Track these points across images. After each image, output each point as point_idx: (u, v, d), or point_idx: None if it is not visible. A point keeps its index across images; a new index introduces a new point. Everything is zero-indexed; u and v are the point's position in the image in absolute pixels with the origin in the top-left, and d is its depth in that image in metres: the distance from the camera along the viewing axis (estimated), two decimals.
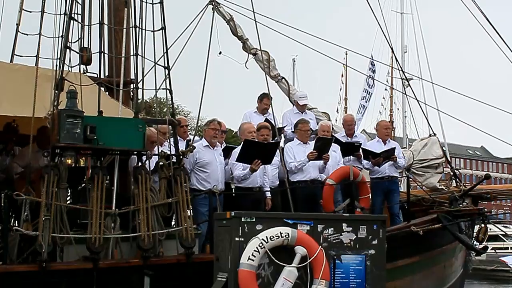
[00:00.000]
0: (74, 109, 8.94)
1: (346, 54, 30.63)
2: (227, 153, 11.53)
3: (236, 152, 11.08)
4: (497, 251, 19.88)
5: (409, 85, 20.76)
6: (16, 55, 11.33)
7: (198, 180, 10.82)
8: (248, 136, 11.26)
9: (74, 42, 10.20)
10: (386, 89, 48.25)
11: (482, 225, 13.11)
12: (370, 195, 12.34)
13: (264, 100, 13.09)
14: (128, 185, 10.21)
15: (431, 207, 13.09)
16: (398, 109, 48.97)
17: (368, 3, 13.77)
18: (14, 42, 11.40)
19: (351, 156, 13.00)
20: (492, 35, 13.33)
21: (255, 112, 13.31)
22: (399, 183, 13.88)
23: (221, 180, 11.02)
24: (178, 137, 10.53)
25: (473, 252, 14.02)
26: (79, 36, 10.24)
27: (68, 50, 9.81)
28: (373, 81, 39.02)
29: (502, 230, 17.56)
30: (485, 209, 13.72)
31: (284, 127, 13.39)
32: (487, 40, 14.01)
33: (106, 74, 10.83)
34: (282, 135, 13.27)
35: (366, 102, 41.48)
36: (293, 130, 12.90)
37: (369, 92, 41.31)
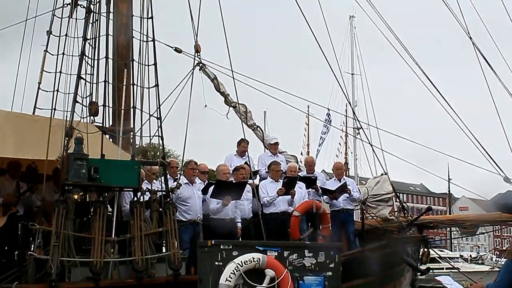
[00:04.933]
0: (81, 152, 8.80)
1: (308, 107, 30.74)
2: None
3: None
4: (434, 271, 19.71)
5: (363, 131, 21.04)
6: (38, 108, 11.09)
7: (180, 212, 10.50)
8: (223, 177, 11.14)
9: (85, 98, 10.18)
10: (341, 136, 48.84)
11: (425, 250, 12.91)
12: (330, 224, 12.06)
13: (242, 144, 12.89)
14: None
15: (383, 234, 12.83)
16: (351, 152, 49.27)
17: (331, 69, 13.56)
18: (36, 97, 11.13)
19: (311, 189, 12.75)
20: (429, 87, 13.37)
21: (235, 155, 13.08)
22: (354, 214, 13.62)
23: (199, 212, 10.80)
24: (170, 176, 10.30)
25: (418, 272, 13.75)
26: (89, 93, 10.20)
27: (78, 104, 9.66)
28: (327, 129, 40.37)
29: (437, 254, 17.41)
30: (427, 236, 13.56)
31: (259, 170, 13.14)
32: (425, 92, 13.97)
33: (110, 123, 10.69)
34: (258, 175, 13.04)
35: (319, 146, 43.17)
36: (267, 170, 12.68)
37: (323, 138, 43.06)
